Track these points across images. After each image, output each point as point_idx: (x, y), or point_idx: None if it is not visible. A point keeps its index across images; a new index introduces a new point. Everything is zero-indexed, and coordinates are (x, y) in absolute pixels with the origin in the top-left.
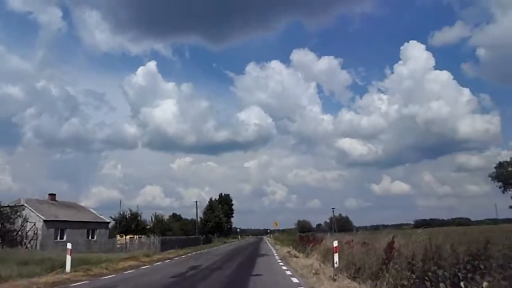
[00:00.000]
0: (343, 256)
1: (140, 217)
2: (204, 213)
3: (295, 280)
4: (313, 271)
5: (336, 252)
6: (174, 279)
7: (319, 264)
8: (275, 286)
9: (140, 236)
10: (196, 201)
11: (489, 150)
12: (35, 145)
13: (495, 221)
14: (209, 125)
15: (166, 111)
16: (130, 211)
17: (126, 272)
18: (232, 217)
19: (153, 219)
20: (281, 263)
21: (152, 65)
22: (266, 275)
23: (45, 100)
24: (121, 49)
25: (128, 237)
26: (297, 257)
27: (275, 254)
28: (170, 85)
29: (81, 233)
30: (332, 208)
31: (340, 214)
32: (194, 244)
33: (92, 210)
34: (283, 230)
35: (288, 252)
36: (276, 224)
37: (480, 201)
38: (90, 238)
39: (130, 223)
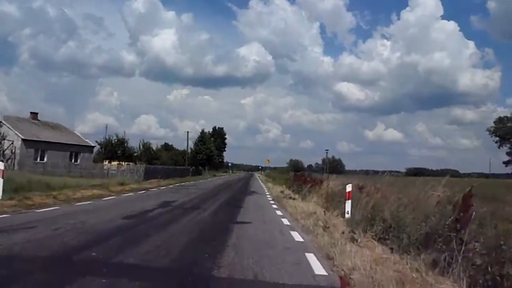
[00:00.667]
0: (358, 206)
1: (127, 143)
2: (195, 144)
3: (297, 237)
4: (320, 222)
5: (348, 199)
6: (125, 221)
7: (323, 211)
8: (268, 246)
9: (128, 163)
10: (188, 132)
11: (486, 105)
12: (31, 66)
13: (484, 176)
14: (208, 58)
15: (165, 41)
16: (117, 136)
17: (78, 204)
18: (225, 151)
19: (141, 146)
20: (274, 206)
21: None
22: (256, 224)
23: (42, 21)
24: None
25: (115, 163)
26: (293, 198)
27: (267, 193)
28: (170, 14)
29: (63, 155)
30: (326, 150)
31: (333, 156)
32: (181, 175)
33: (77, 133)
34: (275, 168)
35: (282, 192)
36: (268, 161)
37: (470, 155)
38: (73, 161)
39: (116, 149)
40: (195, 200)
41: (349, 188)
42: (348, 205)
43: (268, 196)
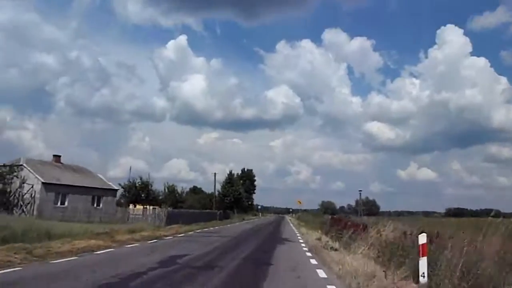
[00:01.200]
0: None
1: (151, 186)
2: (223, 186)
3: None
4: None
5: (424, 255)
6: None
7: (383, 271)
8: None
9: (154, 207)
10: (215, 173)
11: None
12: (67, 113)
13: None
14: (236, 101)
15: (194, 86)
16: (141, 179)
17: (53, 261)
18: (254, 193)
19: (166, 189)
20: (313, 262)
21: (182, 39)
22: None
23: (78, 70)
24: (152, 22)
25: (140, 207)
26: (334, 249)
27: (301, 241)
28: (200, 60)
29: (84, 199)
30: (359, 190)
31: (366, 197)
32: (208, 219)
33: (100, 176)
34: (305, 210)
35: (319, 239)
36: (300, 203)
37: (509, 193)
38: (95, 205)
39: (140, 192)
40: (212, 254)
41: (423, 239)
42: (423, 264)
43: (303, 245)
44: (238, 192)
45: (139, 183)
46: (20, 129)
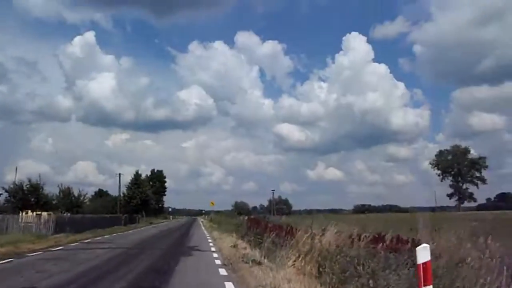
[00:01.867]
0: None
1: (42, 189)
2: (128, 188)
3: None
4: None
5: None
6: None
7: None
8: None
9: (49, 212)
10: (120, 174)
11: (417, 142)
12: None
13: (430, 209)
14: (148, 102)
15: (103, 85)
16: (30, 181)
17: None
18: (164, 195)
19: (60, 193)
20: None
21: (90, 35)
22: None
23: None
24: (56, 16)
25: (33, 213)
26: (257, 262)
27: (213, 249)
28: (109, 58)
29: None
30: (272, 190)
31: (279, 196)
32: (110, 225)
33: None
34: (218, 212)
35: (234, 246)
36: (213, 204)
37: (407, 190)
38: None
39: (28, 196)
40: (76, 283)
41: (424, 254)
42: None
43: (215, 255)
44: (145, 194)
45: (27, 186)
46: None
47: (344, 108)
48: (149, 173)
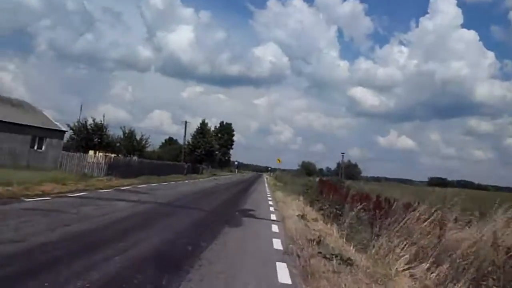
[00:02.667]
0: None
1: (106, 129)
2: (193, 137)
3: None
4: None
5: None
6: None
7: None
8: None
9: (107, 154)
10: (186, 122)
11: (502, 117)
12: (48, 57)
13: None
14: (223, 56)
15: (181, 37)
16: (94, 120)
17: None
18: (231, 148)
19: (124, 134)
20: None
21: None
22: None
23: (60, 13)
24: None
25: (99, 153)
26: (348, 263)
27: (273, 219)
28: (188, 11)
29: (22, 139)
30: (342, 153)
31: (349, 160)
32: (170, 172)
33: (46, 114)
34: (284, 170)
35: (302, 217)
36: (279, 161)
37: (484, 167)
38: (36, 148)
39: (92, 136)
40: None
41: None
42: None
43: (274, 229)
44: (210, 145)
45: (91, 126)
46: (1, 70)
47: (424, 75)
48: (217, 125)
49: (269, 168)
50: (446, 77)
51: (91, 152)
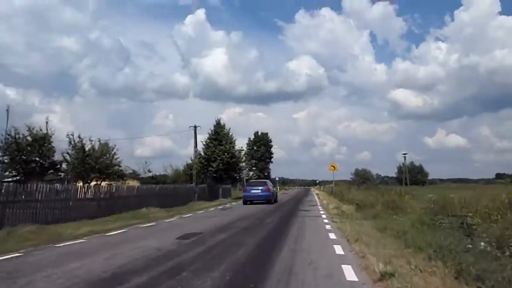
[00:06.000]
0: None
1: (49, 139)
2: (206, 145)
3: None
4: None
5: None
6: None
7: None
8: None
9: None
10: (195, 126)
11: None
12: (91, 95)
13: None
14: (258, 74)
15: (215, 61)
16: (29, 128)
17: None
18: (271, 162)
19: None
20: None
21: (200, 13)
22: None
23: (99, 51)
24: None
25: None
26: None
27: None
28: (219, 34)
29: None
30: (404, 154)
31: (412, 163)
32: (173, 201)
33: None
34: (330, 182)
35: None
36: (334, 167)
37: None
38: None
39: (23, 152)
40: None
41: None
42: None
43: None
44: (229, 153)
45: (24, 136)
46: (48, 112)
47: (467, 69)
48: (252, 137)
49: (317, 181)
50: (491, 68)
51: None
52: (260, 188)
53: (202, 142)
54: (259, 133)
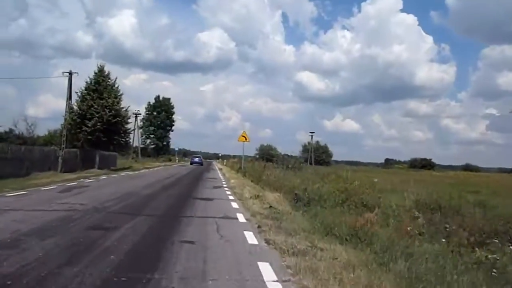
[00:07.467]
0: None
1: None
2: (82, 98)
3: None
4: None
5: None
6: None
7: None
8: None
9: None
10: (71, 72)
11: (440, 99)
12: None
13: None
14: (168, 42)
15: (123, 22)
16: None
17: None
18: (171, 130)
19: None
20: None
21: None
22: None
23: None
24: None
25: None
26: None
27: None
28: None
29: None
30: (311, 133)
31: (317, 142)
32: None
33: None
34: (235, 156)
35: None
36: (246, 138)
37: (421, 147)
38: None
39: None
40: None
41: None
42: None
43: None
44: (110, 111)
45: None
46: None
47: (367, 59)
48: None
49: (219, 155)
50: (388, 61)
51: None
52: (198, 157)
53: (77, 93)
54: (161, 98)
